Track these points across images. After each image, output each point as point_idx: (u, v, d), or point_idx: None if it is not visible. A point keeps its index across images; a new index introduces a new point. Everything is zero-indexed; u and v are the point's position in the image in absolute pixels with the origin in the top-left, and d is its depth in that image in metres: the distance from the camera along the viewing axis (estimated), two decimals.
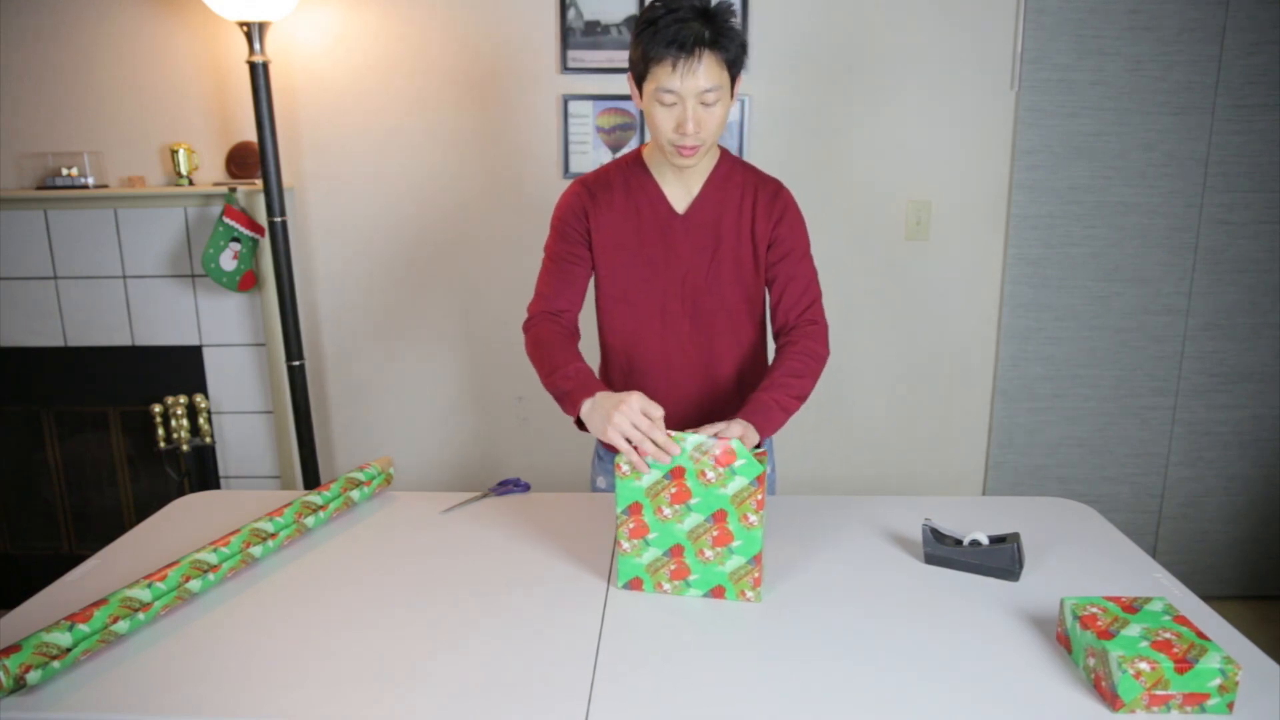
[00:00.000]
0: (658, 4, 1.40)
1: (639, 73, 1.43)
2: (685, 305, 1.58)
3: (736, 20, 1.44)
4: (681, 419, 1.61)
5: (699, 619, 1.27)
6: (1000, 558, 1.37)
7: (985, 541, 1.40)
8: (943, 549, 1.40)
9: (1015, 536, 1.39)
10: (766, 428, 1.41)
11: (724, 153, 1.59)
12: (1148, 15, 2.49)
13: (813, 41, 2.54)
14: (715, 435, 1.30)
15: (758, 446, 1.39)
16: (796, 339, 1.55)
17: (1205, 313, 2.68)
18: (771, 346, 1.68)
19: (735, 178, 1.57)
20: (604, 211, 1.56)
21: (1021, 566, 1.38)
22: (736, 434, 1.31)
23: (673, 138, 1.43)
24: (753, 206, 1.56)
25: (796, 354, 1.52)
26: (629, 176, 1.57)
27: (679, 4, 1.38)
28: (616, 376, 1.67)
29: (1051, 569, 1.40)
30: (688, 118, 1.40)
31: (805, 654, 1.18)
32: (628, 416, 1.27)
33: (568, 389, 1.42)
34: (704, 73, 1.38)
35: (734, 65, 1.42)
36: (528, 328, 1.59)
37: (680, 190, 1.56)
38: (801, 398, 1.49)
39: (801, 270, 1.58)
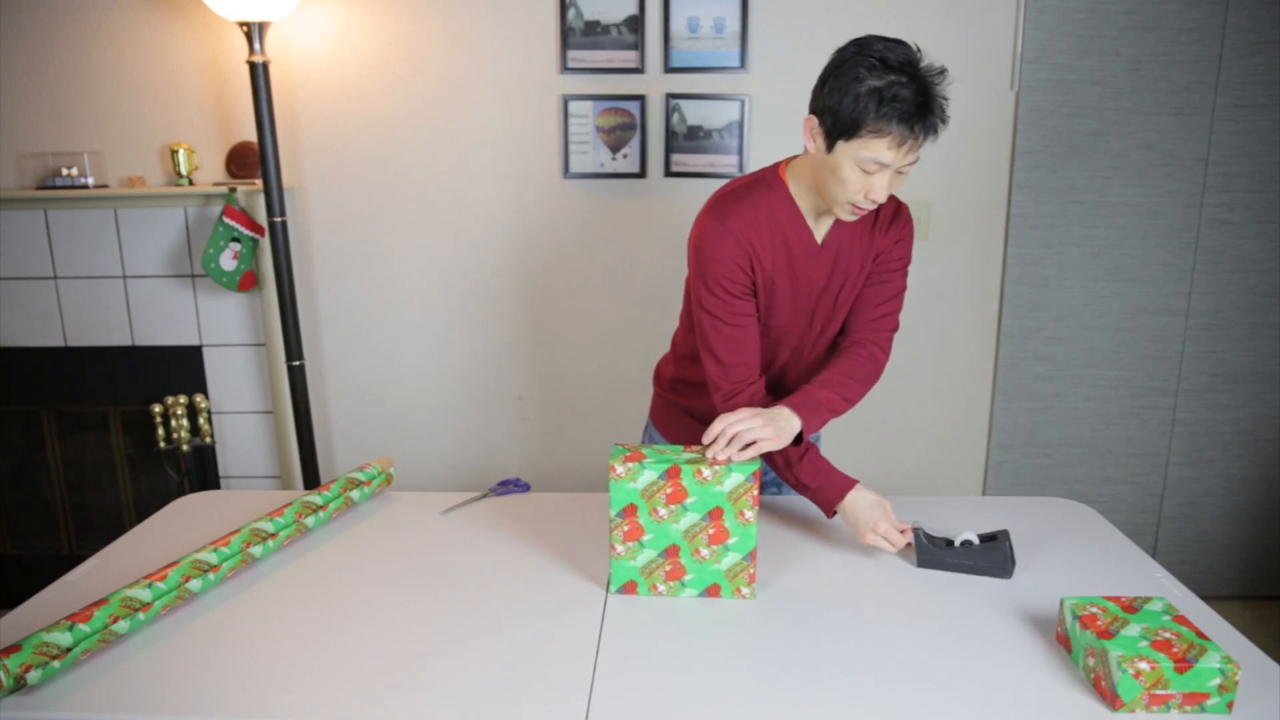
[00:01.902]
0: (873, 58, 1.28)
1: (840, 130, 1.30)
2: (814, 329, 1.55)
3: (948, 83, 1.32)
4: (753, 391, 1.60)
5: (699, 619, 1.27)
6: (995, 556, 1.37)
7: (976, 541, 1.40)
8: (936, 553, 1.40)
9: (1005, 534, 1.39)
10: (811, 424, 1.40)
11: None
12: (1148, 15, 2.49)
13: (813, 41, 2.54)
14: (754, 440, 1.31)
15: (797, 441, 1.40)
16: (866, 342, 1.53)
17: (1205, 313, 2.68)
18: None
19: None
20: (764, 259, 1.45)
21: (1014, 563, 1.38)
22: (768, 436, 1.32)
23: (858, 200, 1.35)
24: (875, 227, 1.51)
25: (862, 358, 1.51)
26: (775, 212, 1.45)
27: (904, 65, 1.27)
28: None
29: (1051, 569, 1.40)
30: (884, 186, 1.32)
31: (804, 654, 1.18)
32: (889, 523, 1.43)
33: (814, 487, 1.47)
34: (917, 147, 1.31)
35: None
36: (732, 405, 1.48)
37: (819, 219, 1.48)
38: (852, 401, 1.47)
39: (895, 279, 1.55)
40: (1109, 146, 2.58)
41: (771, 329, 1.53)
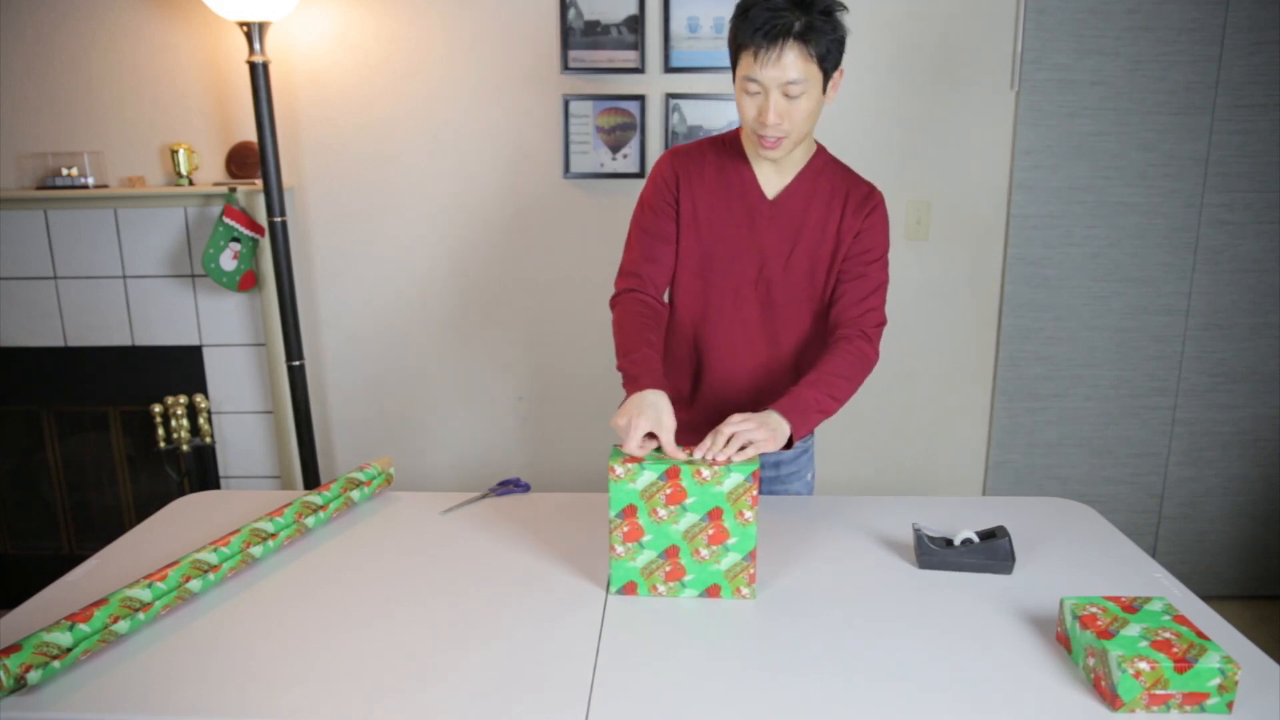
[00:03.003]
0: None
1: (731, 57, 1.43)
2: (758, 291, 1.57)
3: (842, 14, 1.39)
4: (737, 400, 1.62)
5: (699, 620, 1.27)
6: (997, 552, 1.37)
7: (976, 539, 1.40)
8: (937, 553, 1.40)
9: (1003, 529, 1.40)
10: (802, 427, 1.40)
11: (821, 149, 1.58)
12: (1148, 15, 2.49)
13: None
14: (743, 445, 1.30)
15: (788, 446, 1.39)
16: (852, 337, 1.53)
17: (1205, 313, 2.68)
18: None
19: (828, 173, 1.56)
20: (695, 185, 1.55)
21: (1014, 559, 1.38)
22: (763, 439, 1.31)
23: (755, 126, 1.43)
24: (843, 204, 1.54)
25: (849, 354, 1.50)
26: (723, 155, 1.56)
27: None
28: (682, 350, 1.66)
29: (1051, 568, 1.40)
30: (769, 108, 1.39)
31: (804, 655, 1.18)
32: (627, 428, 1.31)
33: (633, 374, 1.43)
34: (789, 64, 1.35)
35: (825, 59, 1.38)
36: (613, 304, 1.58)
37: (773, 176, 1.55)
38: (841, 400, 1.47)
39: (873, 272, 1.55)
40: (1109, 146, 2.58)
41: (707, 274, 1.57)
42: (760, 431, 1.32)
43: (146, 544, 1.52)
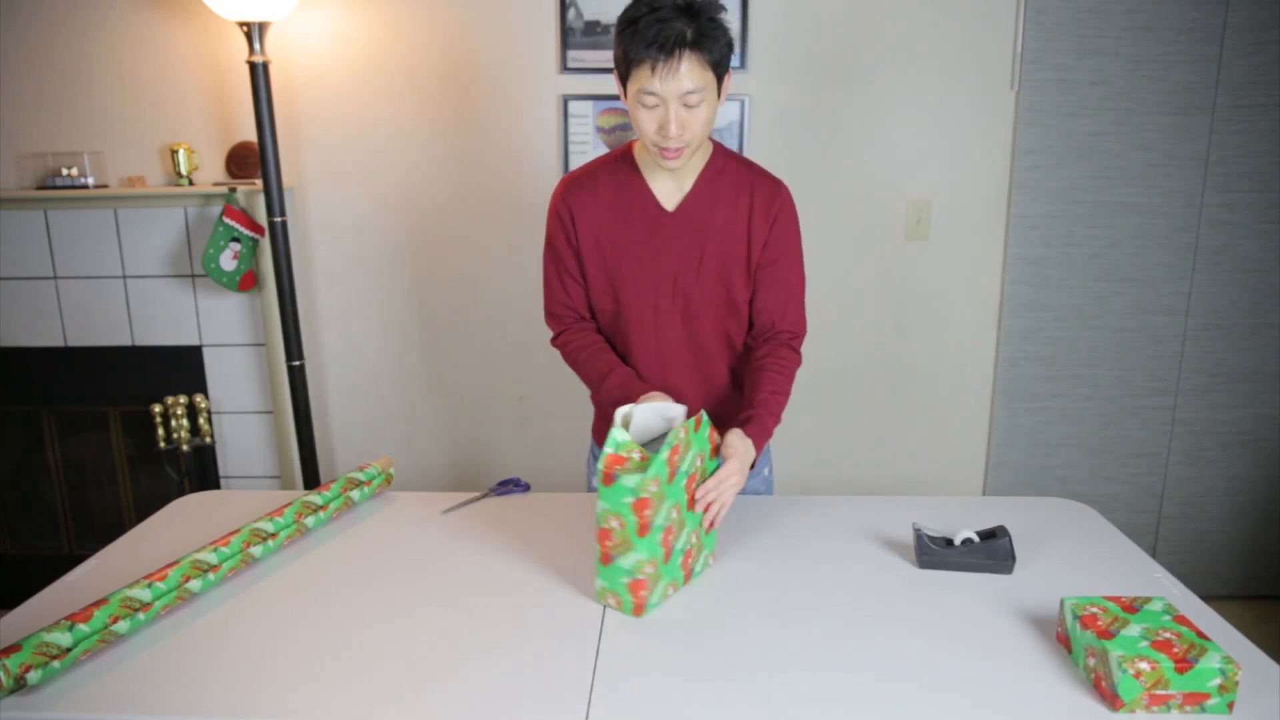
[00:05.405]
0: (644, 3, 1.36)
1: (621, 72, 1.41)
2: (677, 303, 1.56)
3: (725, 16, 1.39)
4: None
5: (699, 622, 1.27)
6: (997, 552, 1.37)
7: (976, 539, 1.40)
8: (937, 553, 1.40)
9: (1003, 529, 1.40)
10: (760, 444, 1.44)
11: (718, 148, 1.56)
12: (1148, 15, 2.49)
13: (813, 41, 2.54)
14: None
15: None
16: (779, 348, 1.55)
17: (1205, 313, 2.68)
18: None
19: (729, 174, 1.54)
20: (589, 209, 1.54)
21: (1014, 559, 1.38)
22: (740, 460, 1.35)
23: (655, 139, 1.41)
24: (749, 204, 1.52)
25: (783, 369, 1.53)
26: (618, 173, 1.55)
27: (661, 2, 1.34)
28: None
29: (1051, 568, 1.40)
30: (670, 120, 1.37)
31: (804, 655, 1.18)
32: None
33: (617, 397, 1.47)
34: (685, 74, 1.34)
35: (719, 65, 1.38)
36: (559, 342, 1.60)
37: (671, 187, 1.54)
38: (780, 417, 1.51)
39: (783, 275, 1.55)
40: (1109, 146, 2.58)
41: (619, 294, 1.57)
42: (739, 484, 1.35)
43: (146, 544, 1.52)
